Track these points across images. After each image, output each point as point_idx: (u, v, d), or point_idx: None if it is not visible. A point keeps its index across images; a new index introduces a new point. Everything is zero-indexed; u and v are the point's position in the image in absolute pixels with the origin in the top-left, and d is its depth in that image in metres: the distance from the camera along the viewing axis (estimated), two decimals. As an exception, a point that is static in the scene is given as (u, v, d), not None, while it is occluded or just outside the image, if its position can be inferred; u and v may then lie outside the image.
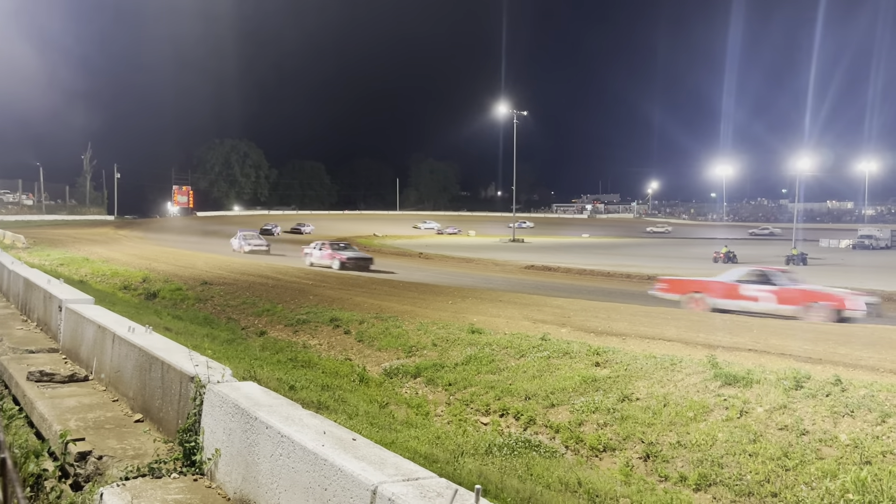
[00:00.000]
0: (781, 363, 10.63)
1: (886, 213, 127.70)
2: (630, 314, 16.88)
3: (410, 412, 10.30)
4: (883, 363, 10.94)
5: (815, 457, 7.35)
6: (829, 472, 6.96)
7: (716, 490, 7.34)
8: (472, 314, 16.47)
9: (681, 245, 71.64)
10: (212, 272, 26.42)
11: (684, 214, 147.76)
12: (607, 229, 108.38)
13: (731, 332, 14.09)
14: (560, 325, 14.95)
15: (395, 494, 2.65)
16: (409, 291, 21.77)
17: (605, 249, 60.18)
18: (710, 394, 9.40)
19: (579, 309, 17.85)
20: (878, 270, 38.02)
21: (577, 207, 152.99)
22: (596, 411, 9.47)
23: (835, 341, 12.89)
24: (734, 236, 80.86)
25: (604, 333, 13.96)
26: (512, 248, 61.47)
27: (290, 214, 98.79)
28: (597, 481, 7.04)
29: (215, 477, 4.20)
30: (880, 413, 8.01)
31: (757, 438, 8.00)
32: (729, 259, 44.05)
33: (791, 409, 8.49)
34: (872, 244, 69.16)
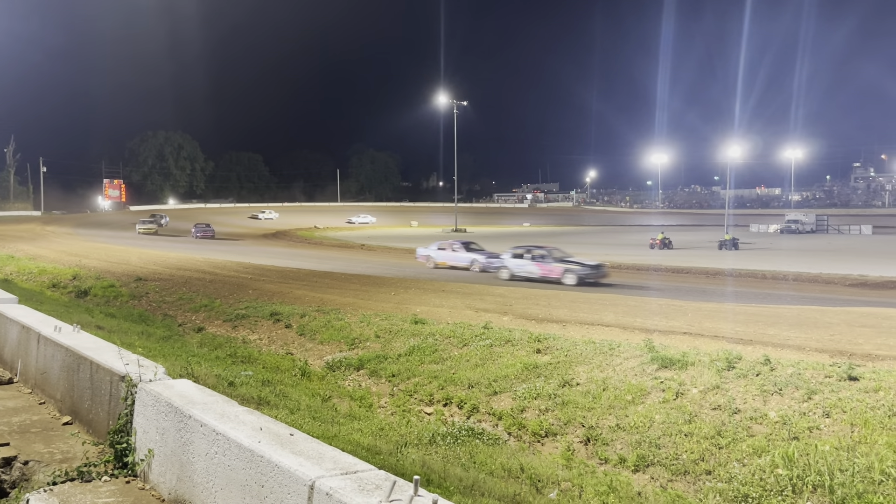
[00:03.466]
0: (714, 345, 10.97)
1: (811, 198, 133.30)
2: (570, 301, 17.17)
3: (353, 405, 10.23)
4: (808, 342, 11.43)
5: (746, 434, 7.62)
6: (759, 448, 7.23)
7: (653, 470, 7.53)
8: (415, 305, 16.46)
9: (619, 232, 73.22)
10: (146, 268, 25.66)
11: (622, 202, 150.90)
12: (547, 218, 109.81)
13: (667, 316, 14.48)
14: (502, 314, 15.08)
15: (333, 489, 2.62)
16: (351, 284, 21.61)
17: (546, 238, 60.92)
18: (648, 377, 9.63)
19: (521, 297, 18.05)
20: (802, 253, 39.64)
21: (518, 197, 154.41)
22: (538, 397, 9.60)
23: (764, 322, 13.39)
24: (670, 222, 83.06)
25: (545, 320, 14.15)
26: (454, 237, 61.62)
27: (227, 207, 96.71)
28: (539, 466, 7.14)
29: (149, 478, 4.07)
30: (807, 390, 8.36)
31: (692, 419, 8.24)
32: (665, 245, 45.25)
33: (724, 390, 8.78)
34: (798, 228, 72.09)
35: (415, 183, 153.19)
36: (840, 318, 13.62)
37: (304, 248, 46.10)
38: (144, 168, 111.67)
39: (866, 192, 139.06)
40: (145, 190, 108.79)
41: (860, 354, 10.28)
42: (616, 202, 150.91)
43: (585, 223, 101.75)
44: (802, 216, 77.56)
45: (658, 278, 26.68)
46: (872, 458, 6.69)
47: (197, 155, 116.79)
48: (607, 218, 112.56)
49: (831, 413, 7.79)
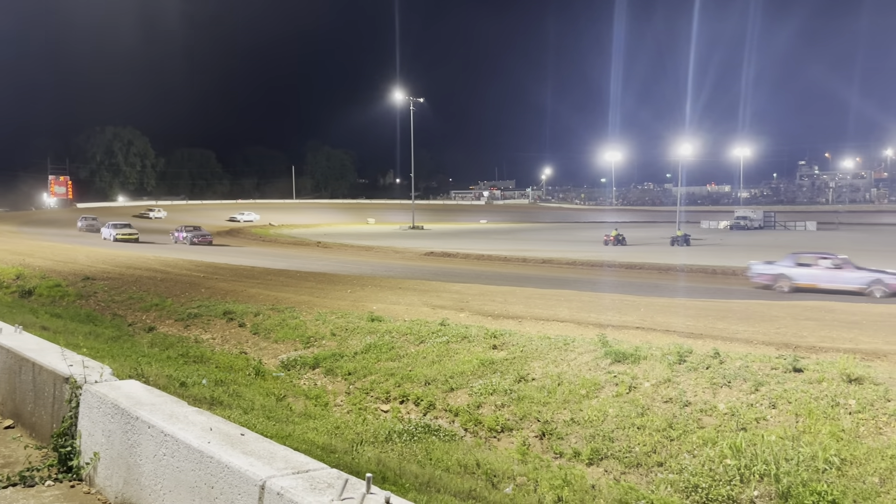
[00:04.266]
0: (666, 339, 11.19)
1: (759, 195, 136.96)
2: (525, 297, 17.31)
3: (309, 404, 10.13)
4: (756, 335, 11.74)
5: (696, 426, 7.79)
6: (709, 439, 7.39)
7: (607, 463, 7.64)
8: (371, 302, 16.38)
9: (574, 229, 74.12)
10: (95, 266, 24.97)
11: (577, 199, 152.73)
12: (504, 215, 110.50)
13: (621, 311, 14.71)
14: (459, 310, 15.12)
15: (285, 488, 2.58)
16: (306, 281, 21.39)
17: (503, 235, 61.38)
18: (602, 371, 9.77)
19: (477, 293, 18.12)
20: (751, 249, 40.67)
21: (475, 194, 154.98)
22: (494, 393, 9.65)
23: (714, 317, 13.71)
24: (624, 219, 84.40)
25: (501, 317, 14.24)
26: (412, 235, 61.57)
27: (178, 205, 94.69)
28: (494, 461, 7.18)
29: (94, 482, 3.96)
30: (754, 382, 8.59)
31: (644, 412, 8.38)
32: (618, 241, 45.94)
33: (675, 383, 8.96)
34: (747, 225, 74.11)
35: (371, 180, 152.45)
36: (786, 312, 14.02)
37: (259, 245, 45.52)
38: (92, 164, 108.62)
39: (811, 190, 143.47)
40: (93, 187, 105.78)
41: (805, 347, 10.61)
42: (571, 199, 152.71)
43: (541, 220, 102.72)
44: (751, 213, 79.74)
45: (612, 274, 27.09)
46: (816, 447, 6.91)
47: (147, 151, 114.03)
48: (563, 215, 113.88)
49: (777, 404, 8.01)
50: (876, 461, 6.68)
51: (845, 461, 6.72)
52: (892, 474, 6.47)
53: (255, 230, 61.10)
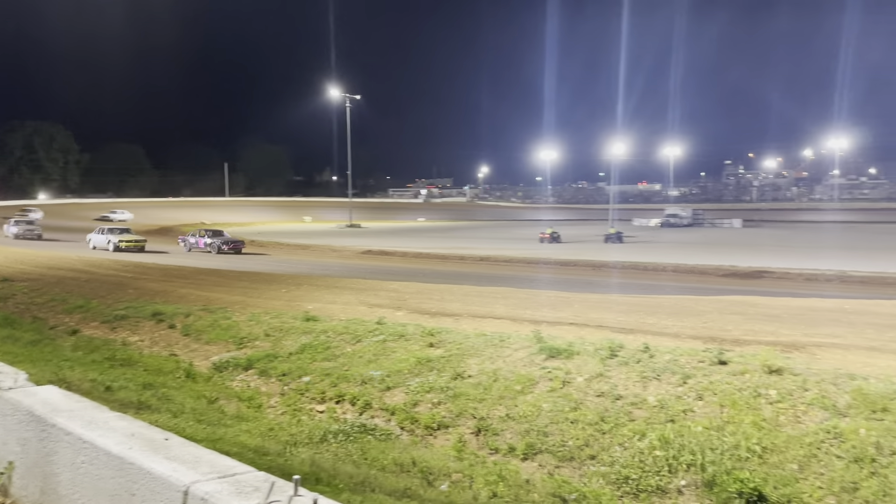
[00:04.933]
0: (599, 334, 11.42)
1: (688, 193, 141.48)
2: (463, 294, 17.40)
3: (242, 406, 9.93)
4: (684, 330, 12.12)
5: (627, 419, 7.98)
6: (639, 432, 7.59)
7: (541, 458, 7.75)
8: (307, 302, 16.17)
9: (511, 227, 74.96)
10: (13, 267, 23.84)
11: (513, 198, 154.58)
12: (442, 213, 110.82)
13: (555, 307, 14.95)
14: (396, 309, 15.08)
15: (209, 493, 2.51)
16: (239, 281, 20.95)
17: (441, 233, 61.55)
18: (536, 367, 9.90)
19: (415, 292, 18.11)
20: (681, 246, 41.99)
21: (413, 192, 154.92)
22: (430, 391, 9.66)
23: (645, 312, 14.08)
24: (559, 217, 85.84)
25: (438, 314, 14.27)
26: (349, 233, 61.11)
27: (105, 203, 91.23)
28: (430, 459, 7.19)
29: (9, 493, 3.78)
30: (682, 375, 8.86)
31: (578, 406, 8.54)
32: (554, 239, 46.68)
33: (607, 377, 9.16)
34: (677, 222, 76.48)
35: (308, 177, 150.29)
36: (712, 307, 14.52)
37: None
38: (11, 160, 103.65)
39: (736, 188, 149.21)
40: (12, 184, 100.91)
41: (729, 340, 11.01)
42: (508, 197, 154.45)
43: (479, 218, 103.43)
44: (680, 211, 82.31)
45: (547, 271, 27.52)
46: (739, 436, 7.17)
47: (71, 147, 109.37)
48: (500, 213, 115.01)
49: (704, 396, 8.27)
50: (795, 448, 6.98)
51: (766, 449, 7.00)
52: (809, 461, 6.77)
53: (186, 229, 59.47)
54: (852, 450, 6.72)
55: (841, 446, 6.81)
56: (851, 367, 9.13)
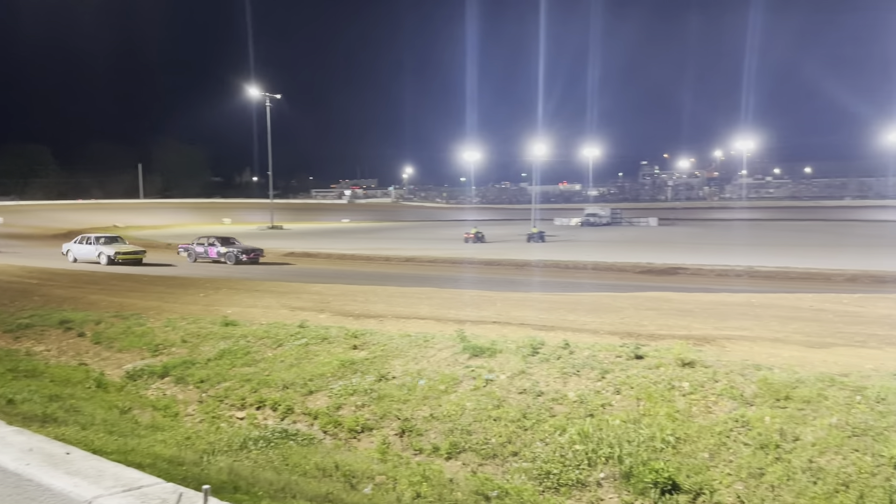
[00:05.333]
0: (521, 332, 11.59)
1: (607, 193, 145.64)
2: (387, 295, 17.33)
3: (157, 415, 9.58)
4: (603, 326, 12.43)
5: (548, 415, 8.12)
6: (559, 427, 7.73)
7: (465, 456, 7.80)
8: (226, 306, 15.76)
9: (436, 227, 75.21)
10: None
11: (438, 198, 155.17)
12: (367, 214, 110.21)
13: (479, 306, 15.08)
14: (319, 311, 14.87)
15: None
16: (154, 286, 20.21)
17: (366, 234, 61.17)
18: (460, 366, 9.96)
19: (338, 294, 17.92)
20: (600, 244, 43.16)
21: (337, 193, 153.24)
22: (354, 394, 9.57)
23: (565, 309, 14.37)
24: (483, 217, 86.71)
25: (362, 316, 14.16)
26: (271, 234, 59.91)
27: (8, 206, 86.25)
28: (354, 462, 7.12)
29: None
30: (601, 370, 9.09)
31: (500, 404, 8.63)
32: (478, 239, 47.12)
33: (529, 374, 9.30)
34: (596, 221, 78.68)
35: (227, 178, 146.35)
36: (629, 303, 14.96)
37: (103, 248, 42.36)
38: None
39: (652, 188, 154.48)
40: None
41: (645, 335, 11.37)
42: (433, 198, 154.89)
43: (404, 219, 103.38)
44: (600, 210, 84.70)
45: (472, 271, 27.74)
46: (654, 428, 7.41)
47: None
48: (425, 213, 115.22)
49: (621, 390, 8.51)
50: (706, 438, 7.26)
51: (680, 439, 7.26)
52: (719, 449, 7.06)
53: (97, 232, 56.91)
54: (758, 437, 7.04)
55: (748, 434, 7.13)
56: (758, 358, 9.58)
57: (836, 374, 8.40)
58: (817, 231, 59.88)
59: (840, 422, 7.15)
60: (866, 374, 8.42)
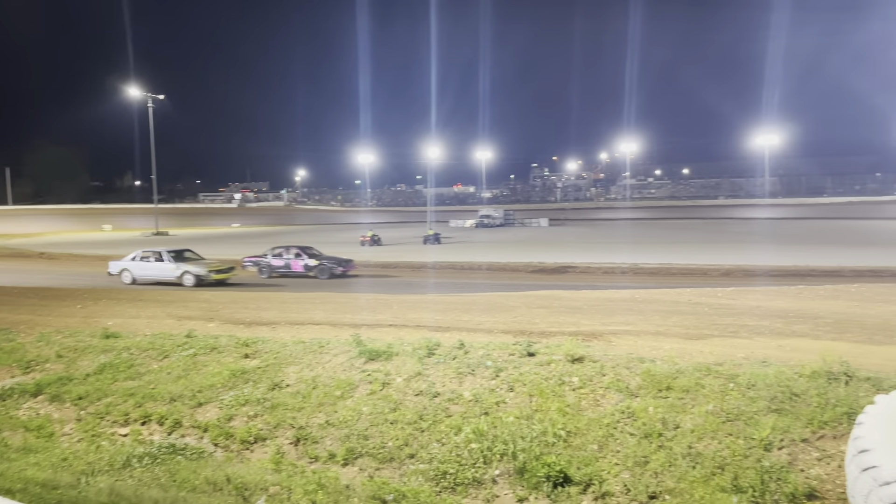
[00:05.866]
0: (417, 334, 11.64)
1: (500, 195, 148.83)
2: (280, 302, 16.96)
3: (30, 436, 8.93)
4: (497, 325, 12.68)
5: (444, 415, 8.19)
6: (455, 426, 7.81)
7: (362, 461, 7.73)
8: (106, 317, 14.91)
9: (331, 231, 74.26)
10: None
11: (333, 201, 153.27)
12: (259, 218, 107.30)
13: (375, 310, 15.02)
14: (208, 320, 14.36)
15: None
16: (26, 298, 18.86)
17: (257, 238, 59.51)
18: (356, 371, 9.87)
19: (228, 301, 17.37)
20: (494, 245, 44.01)
21: (226, 196, 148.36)
22: (246, 404, 9.29)
23: (460, 310, 14.55)
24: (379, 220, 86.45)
25: (254, 324, 13.78)
26: (155, 241, 57.18)
27: None
28: (246, 474, 6.90)
29: None
30: (495, 369, 9.25)
31: (397, 407, 8.62)
32: (374, 242, 46.94)
33: (425, 376, 9.34)
34: (490, 223, 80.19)
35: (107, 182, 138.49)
36: (521, 302, 15.34)
37: (-34, 259, 39.22)
38: None
39: (543, 189, 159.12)
40: None
41: (537, 332, 11.69)
42: (328, 201, 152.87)
43: (298, 222, 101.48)
44: (493, 212, 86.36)
45: (367, 274, 27.58)
46: (547, 423, 7.62)
47: None
48: (320, 217, 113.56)
49: (514, 387, 8.70)
50: (595, 430, 7.54)
51: (571, 433, 7.50)
52: (607, 440, 7.35)
53: (-40, 241, 52.52)
54: (643, 427, 7.38)
55: (633, 424, 7.46)
56: (641, 351, 10.07)
57: (712, 364, 8.95)
58: (695, 229, 63.63)
59: (716, 408, 7.61)
60: (738, 363, 9.02)
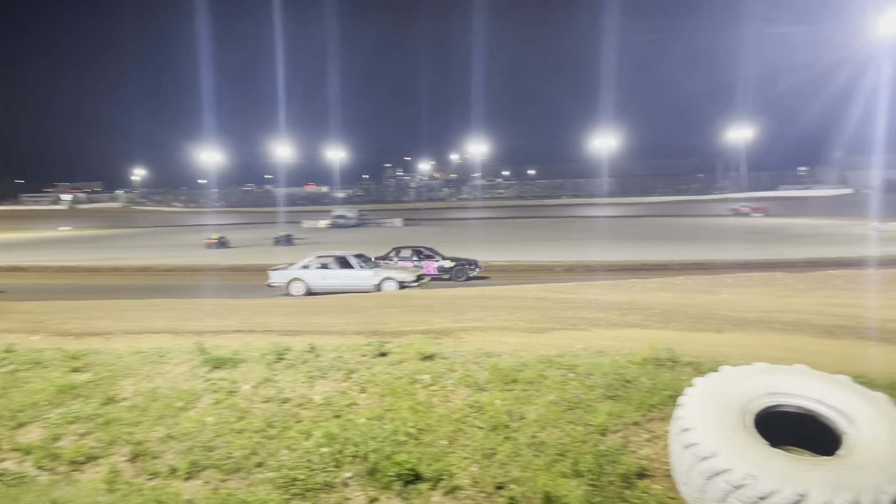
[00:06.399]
0: (266, 339, 11.30)
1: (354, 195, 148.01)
2: (115, 310, 15.87)
3: None
4: (349, 326, 12.60)
5: (294, 421, 8.01)
6: (306, 431, 7.66)
7: (207, 474, 7.38)
8: None
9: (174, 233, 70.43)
10: None
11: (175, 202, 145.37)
12: (92, 220, 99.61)
13: (221, 316, 14.43)
14: (31, 333, 13.14)
15: None
16: None
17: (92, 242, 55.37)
18: (200, 380, 9.43)
19: (55, 311, 15.99)
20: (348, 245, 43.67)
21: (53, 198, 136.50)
22: (75, 421, 8.58)
23: (312, 312, 14.32)
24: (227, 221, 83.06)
25: (85, 335, 12.78)
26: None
27: None
28: (75, 497, 6.39)
29: None
30: (346, 370, 9.18)
31: (244, 415, 8.32)
32: (221, 244, 45.11)
33: (274, 381, 9.09)
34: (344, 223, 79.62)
35: None
36: (374, 302, 15.36)
37: None
38: None
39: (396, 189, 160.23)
40: None
41: (389, 332, 11.74)
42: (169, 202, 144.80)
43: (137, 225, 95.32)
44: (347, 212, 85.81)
45: (215, 278, 26.55)
46: (398, 422, 7.67)
47: None
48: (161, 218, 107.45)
49: (366, 388, 8.68)
50: (445, 426, 7.67)
51: (422, 430, 7.58)
52: (457, 435, 7.50)
53: None
54: (490, 420, 7.62)
55: (482, 418, 7.68)
56: (489, 346, 10.40)
57: (554, 356, 9.42)
58: (540, 227, 66.72)
59: (558, 398, 8.01)
60: (577, 353, 9.55)
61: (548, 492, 6.31)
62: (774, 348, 10.24)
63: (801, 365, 6.90)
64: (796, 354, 8.89)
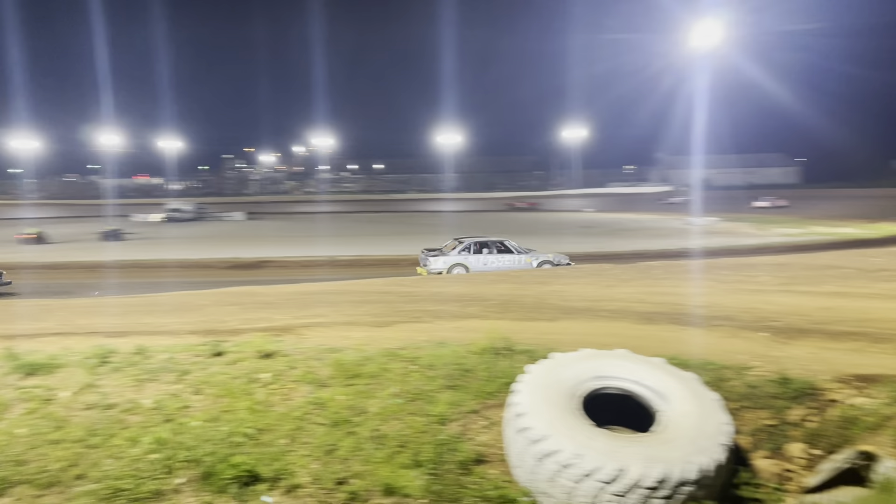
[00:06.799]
0: (89, 342, 10.48)
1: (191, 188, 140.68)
2: None
3: None
4: (183, 326, 11.98)
5: (120, 428, 7.50)
6: (133, 438, 7.20)
7: (19, 490, 6.74)
8: None
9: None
10: None
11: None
12: None
13: (36, 318, 13.20)
14: None
15: None
16: None
17: None
18: (10, 388, 8.58)
19: None
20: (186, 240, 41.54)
21: None
22: None
23: (142, 312, 13.46)
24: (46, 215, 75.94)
25: None
26: None
27: None
28: None
29: None
30: (178, 372, 8.74)
31: (63, 424, 7.68)
32: (39, 240, 41.27)
33: (97, 387, 8.47)
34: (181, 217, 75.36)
35: None
36: (212, 300, 14.71)
37: None
38: None
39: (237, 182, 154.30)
40: None
41: (227, 331, 11.30)
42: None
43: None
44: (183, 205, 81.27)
45: (31, 277, 24.23)
46: (235, 423, 7.41)
47: None
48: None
49: (201, 390, 8.31)
50: (285, 424, 7.52)
51: (261, 430, 7.38)
52: (297, 433, 7.38)
53: None
54: (332, 415, 7.56)
55: (323, 414, 7.61)
56: (333, 341, 10.30)
57: (397, 349, 9.51)
58: (387, 222, 67.02)
59: (400, 390, 8.10)
60: (419, 345, 9.71)
61: (388, 484, 6.37)
62: (601, 334, 10.97)
63: (623, 350, 7.47)
64: (620, 340, 9.60)
